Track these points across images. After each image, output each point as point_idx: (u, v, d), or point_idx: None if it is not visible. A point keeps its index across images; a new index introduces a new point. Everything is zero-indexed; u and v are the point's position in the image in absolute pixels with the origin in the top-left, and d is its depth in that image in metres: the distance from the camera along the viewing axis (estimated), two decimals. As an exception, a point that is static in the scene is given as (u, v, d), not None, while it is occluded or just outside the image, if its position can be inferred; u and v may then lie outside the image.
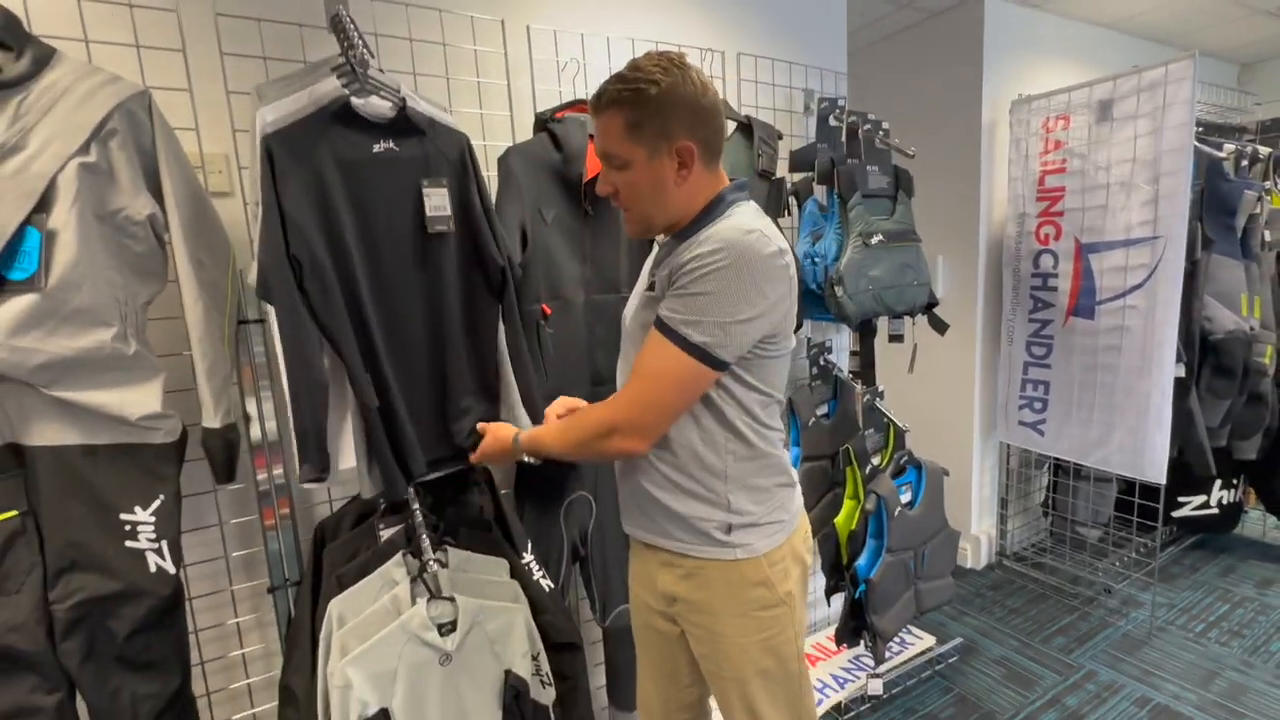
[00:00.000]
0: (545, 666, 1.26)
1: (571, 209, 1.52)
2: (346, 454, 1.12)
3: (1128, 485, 2.61)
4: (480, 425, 1.23)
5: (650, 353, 0.91)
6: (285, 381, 1.04)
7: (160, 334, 1.14)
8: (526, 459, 1.13)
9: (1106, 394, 2.33)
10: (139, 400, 1.03)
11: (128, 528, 1.04)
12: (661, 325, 0.90)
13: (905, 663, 2.12)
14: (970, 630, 2.42)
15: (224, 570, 1.34)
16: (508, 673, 1.20)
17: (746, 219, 0.92)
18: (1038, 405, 2.59)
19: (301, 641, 1.23)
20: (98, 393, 1.00)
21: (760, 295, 0.88)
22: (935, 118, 2.72)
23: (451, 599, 1.16)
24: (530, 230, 1.44)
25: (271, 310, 1.03)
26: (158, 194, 1.07)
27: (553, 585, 1.46)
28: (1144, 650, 2.26)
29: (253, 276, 1.03)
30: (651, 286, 0.96)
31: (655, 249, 1.13)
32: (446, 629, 1.15)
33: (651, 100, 0.88)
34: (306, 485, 1.08)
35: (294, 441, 1.06)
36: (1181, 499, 2.73)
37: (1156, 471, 2.23)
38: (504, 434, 1.15)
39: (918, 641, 2.22)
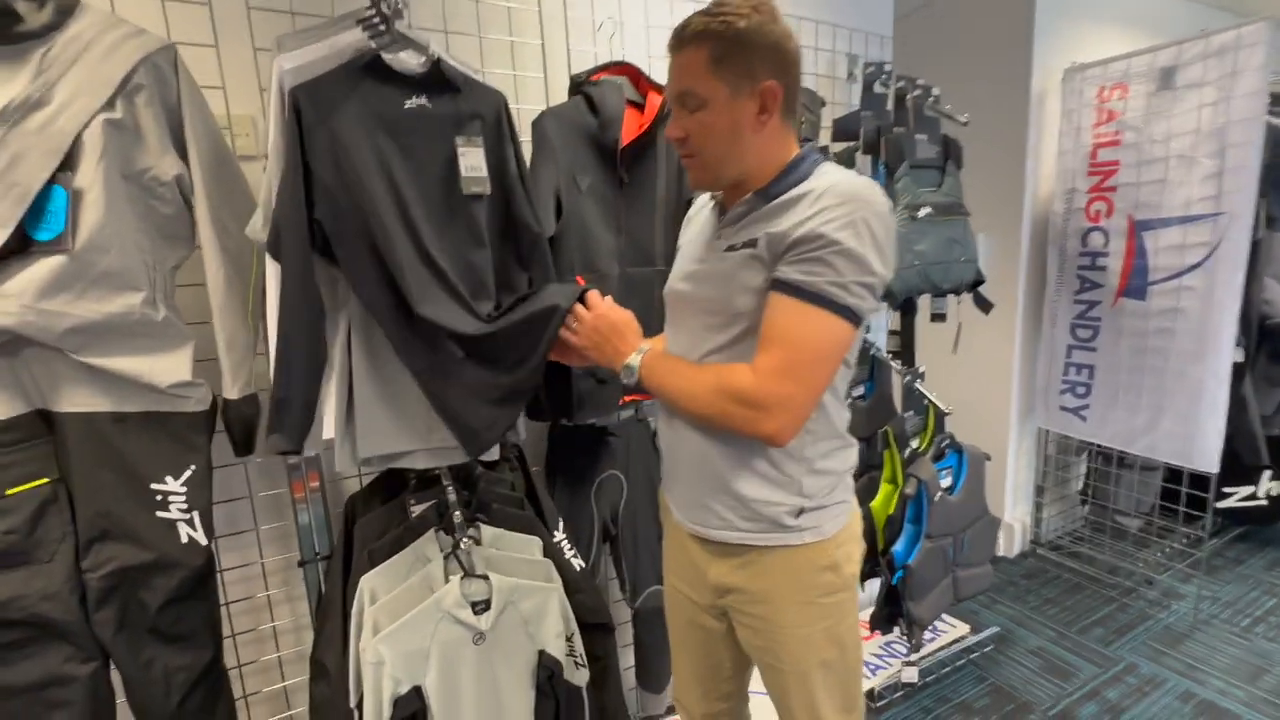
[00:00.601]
0: (579, 647, 1.23)
1: (607, 177, 1.45)
2: (326, 424, 1.08)
3: (1171, 474, 2.51)
4: (590, 296, 1.03)
5: (791, 320, 0.82)
6: (273, 344, 1.00)
7: (189, 301, 1.10)
8: (619, 377, 0.96)
9: (1156, 378, 2.23)
10: (169, 367, 1.00)
11: (159, 498, 1.01)
12: (799, 290, 0.81)
13: (938, 650, 2.08)
14: (1004, 619, 2.36)
15: (254, 543, 1.32)
16: (541, 653, 1.18)
17: (851, 174, 0.86)
18: (1080, 390, 2.49)
19: (332, 616, 1.21)
20: (127, 359, 0.97)
21: (890, 251, 0.83)
22: (980, 87, 2.59)
23: (485, 577, 1.13)
24: (565, 199, 1.39)
25: (270, 265, 0.99)
26: (183, 154, 1.03)
27: (584, 564, 1.43)
28: (1187, 644, 2.18)
29: (257, 225, 1.00)
30: (752, 244, 0.87)
31: (704, 209, 1.06)
32: (480, 608, 1.12)
33: (740, 34, 0.82)
34: (276, 454, 1.07)
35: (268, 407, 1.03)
36: (1227, 489, 2.62)
37: (1208, 460, 2.13)
38: (626, 333, 0.99)
39: (950, 630, 2.16)
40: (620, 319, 1.01)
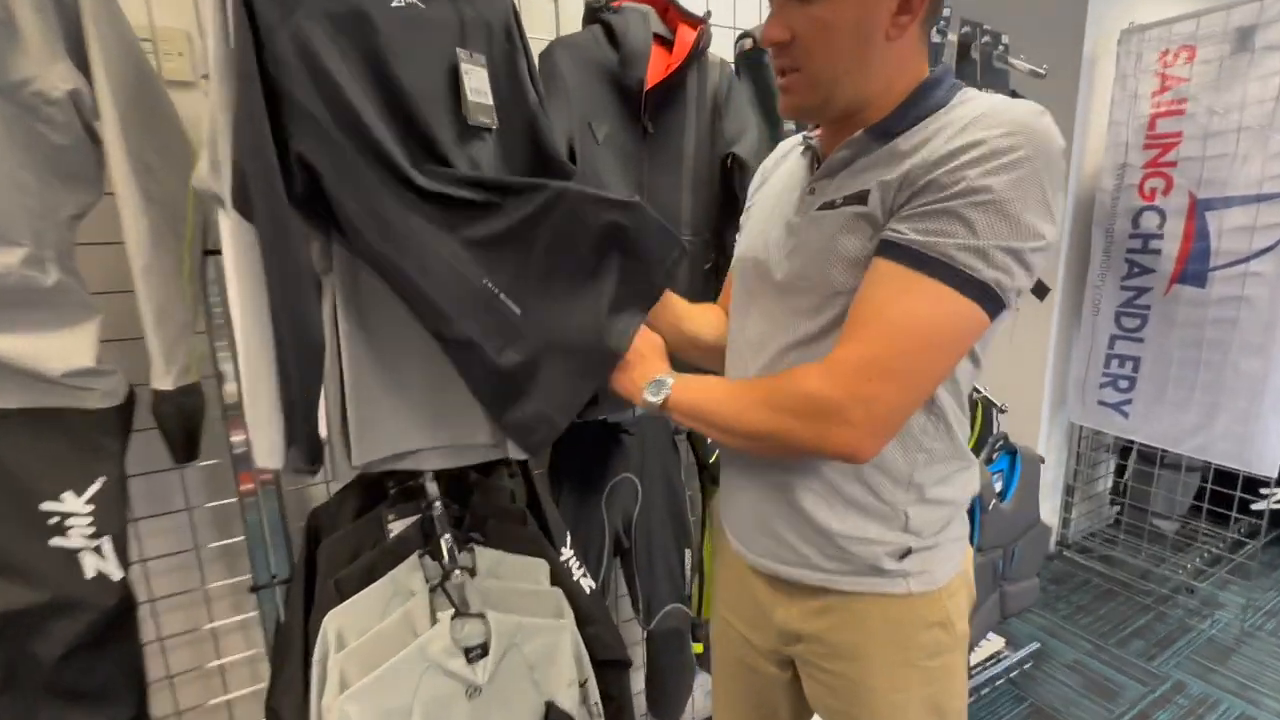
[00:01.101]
0: (594, 695, 1.02)
1: (628, 126, 1.21)
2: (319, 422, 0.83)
3: (1213, 475, 2.35)
4: None
5: (890, 295, 0.61)
6: (246, 333, 0.74)
7: (98, 264, 0.85)
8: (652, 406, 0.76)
9: (1213, 373, 2.04)
10: (63, 350, 0.76)
11: (53, 521, 0.77)
12: (910, 253, 0.60)
13: (975, 670, 1.90)
14: (1036, 629, 2.19)
15: (195, 564, 1.08)
16: (549, 705, 0.96)
17: (1007, 99, 0.63)
18: (1123, 384, 2.31)
19: (291, 656, 0.98)
20: (2, 337, 0.72)
21: (1059, 210, 0.60)
22: (1024, 50, 2.36)
23: (482, 616, 0.91)
24: (578, 149, 1.14)
25: (230, 228, 0.73)
26: (85, 68, 0.77)
27: (593, 585, 1.21)
28: (1235, 659, 2.03)
29: (203, 171, 0.74)
30: (860, 198, 0.65)
31: (787, 157, 0.83)
32: (475, 654, 0.90)
33: None
34: (296, 472, 0.81)
35: (263, 417, 0.76)
36: (1264, 490, 2.47)
37: (1267, 463, 1.96)
38: (650, 355, 0.84)
39: (986, 644, 1.99)
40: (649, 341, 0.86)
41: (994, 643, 2.00)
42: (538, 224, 0.81)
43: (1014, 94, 1.54)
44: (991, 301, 0.60)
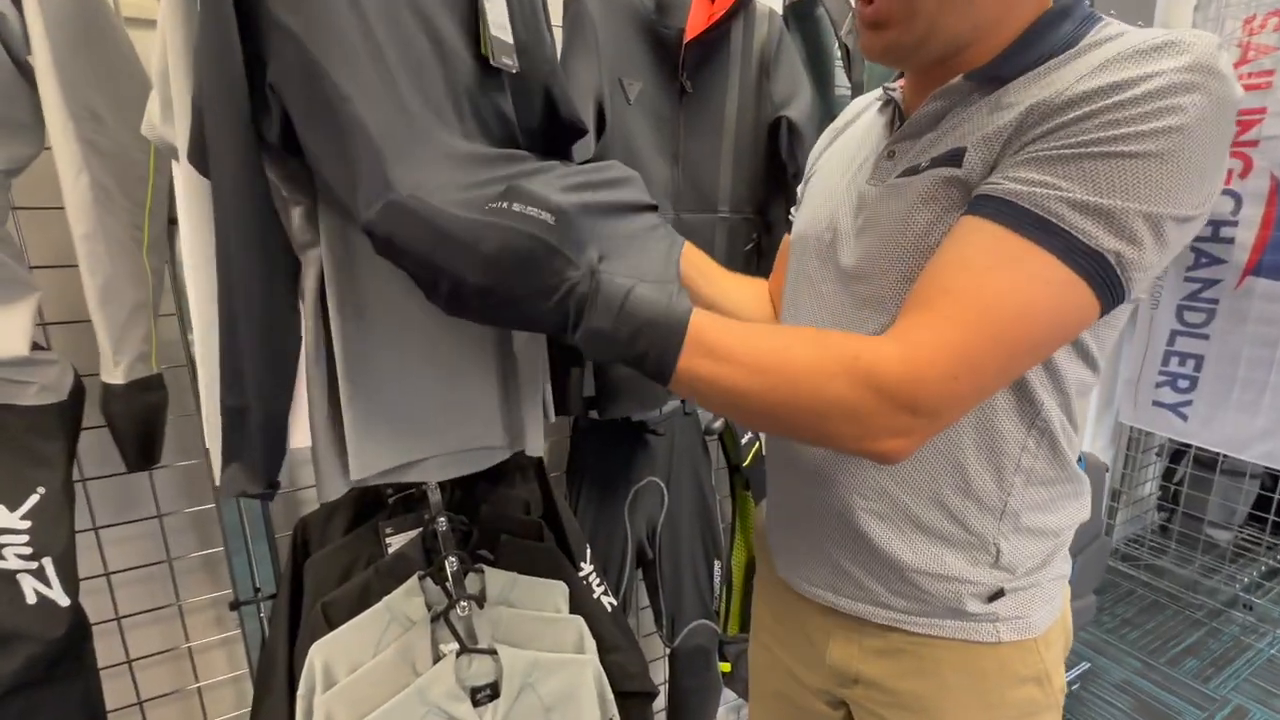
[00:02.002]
0: (619, 737, 0.89)
1: (664, 84, 1.06)
2: (299, 428, 0.69)
3: (1273, 480, 2.18)
4: None
5: (987, 265, 0.46)
6: (198, 315, 0.60)
7: (45, 230, 0.72)
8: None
9: (1289, 375, 1.87)
10: (-9, 335, 0.63)
11: (-16, 539, 0.65)
12: (1010, 208, 0.45)
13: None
14: (1080, 644, 2.05)
15: (168, 576, 0.96)
16: (569, 751, 0.83)
17: (1161, 30, 0.47)
18: (1183, 383, 2.13)
19: (274, 687, 0.86)
20: (-88, 320, 0.59)
21: (1218, 173, 0.45)
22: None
23: (492, 652, 0.78)
24: (609, 109, 0.99)
25: (185, 185, 0.58)
26: (15, -6, 0.63)
27: (614, 603, 1.08)
28: (1300, 683, 1.88)
29: (154, 115, 0.59)
30: (953, 158, 0.50)
31: (860, 118, 0.69)
32: (484, 696, 0.77)
33: None
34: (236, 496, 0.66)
35: (213, 427, 0.61)
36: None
37: (1347, 473, 1.79)
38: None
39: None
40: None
41: (1038, 660, 1.86)
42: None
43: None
44: (1106, 283, 0.45)
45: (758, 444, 1.37)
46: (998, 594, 0.59)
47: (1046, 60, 0.49)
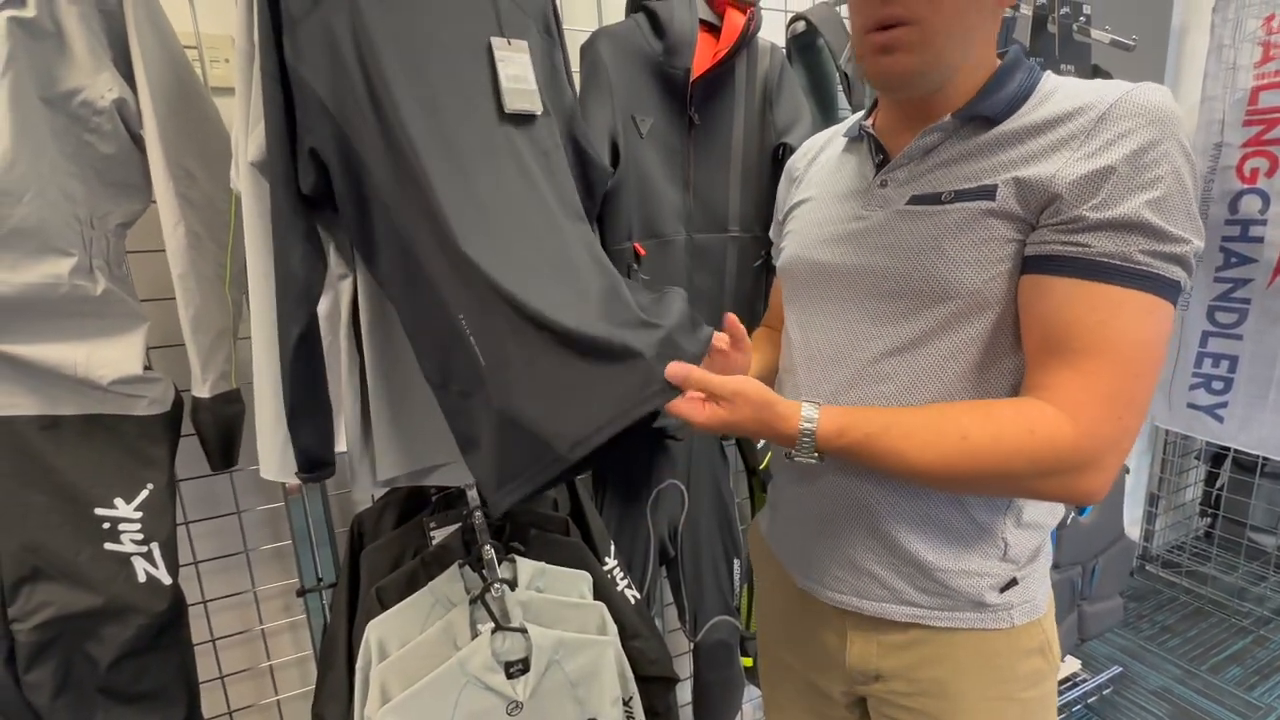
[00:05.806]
0: (639, 714, 0.98)
1: (673, 118, 1.16)
2: (338, 434, 0.80)
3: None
4: (699, 377, 0.60)
5: (1106, 318, 0.55)
6: (256, 337, 0.74)
7: (150, 269, 0.86)
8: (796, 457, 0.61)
9: (1326, 374, 1.83)
10: (113, 358, 0.77)
11: (106, 525, 0.78)
12: (1112, 269, 0.54)
13: (1047, 691, 1.76)
14: (1116, 651, 2.03)
15: (244, 565, 1.09)
16: (593, 724, 0.92)
17: (1120, 83, 0.58)
18: (1217, 385, 2.10)
19: (336, 663, 0.98)
20: (54, 346, 0.73)
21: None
22: (1105, 22, 2.18)
23: (523, 630, 0.88)
24: (622, 144, 1.10)
25: (247, 227, 0.72)
26: (129, 77, 0.77)
27: (638, 596, 1.17)
28: (1350, 692, 1.82)
29: (236, 173, 0.73)
30: (986, 193, 0.59)
31: (825, 148, 0.78)
32: (516, 670, 0.87)
33: None
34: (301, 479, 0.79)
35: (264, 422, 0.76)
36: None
37: (1392, 475, 1.75)
38: (772, 403, 0.60)
39: (1060, 667, 1.85)
40: (743, 398, 0.61)
41: (1068, 665, 1.86)
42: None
43: (1096, 69, 1.41)
44: (1177, 296, 0.56)
45: (770, 451, 1.44)
46: (1010, 584, 0.66)
47: (1021, 104, 0.59)
